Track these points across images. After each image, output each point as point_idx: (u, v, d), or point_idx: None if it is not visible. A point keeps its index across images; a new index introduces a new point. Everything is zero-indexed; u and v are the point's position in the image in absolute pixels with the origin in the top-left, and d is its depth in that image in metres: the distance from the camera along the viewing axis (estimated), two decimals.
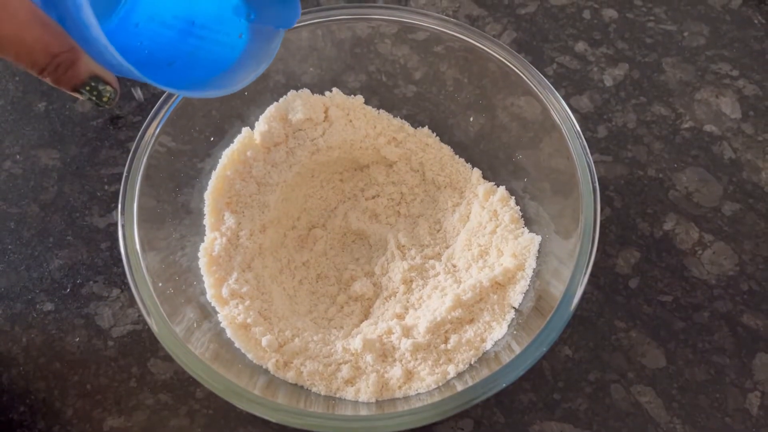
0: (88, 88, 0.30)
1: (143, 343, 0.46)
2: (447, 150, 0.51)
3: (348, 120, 0.50)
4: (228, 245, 0.45)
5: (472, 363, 0.42)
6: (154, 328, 0.38)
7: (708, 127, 0.55)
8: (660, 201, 0.52)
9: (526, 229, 0.47)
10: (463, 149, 0.51)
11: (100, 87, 0.31)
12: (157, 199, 0.44)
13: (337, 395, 0.41)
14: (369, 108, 0.51)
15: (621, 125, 0.55)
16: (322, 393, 0.41)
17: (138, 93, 0.56)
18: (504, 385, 0.37)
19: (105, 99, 0.31)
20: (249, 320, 0.42)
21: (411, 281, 0.47)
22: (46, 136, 0.54)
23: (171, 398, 0.44)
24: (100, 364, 0.46)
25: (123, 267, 0.40)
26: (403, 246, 0.49)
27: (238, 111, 0.49)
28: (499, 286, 0.44)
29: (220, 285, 0.44)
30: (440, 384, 0.41)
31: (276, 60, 0.39)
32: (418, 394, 0.41)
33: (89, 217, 0.51)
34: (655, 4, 0.62)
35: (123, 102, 0.56)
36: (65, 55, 0.28)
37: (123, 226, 0.40)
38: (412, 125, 0.52)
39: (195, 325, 0.41)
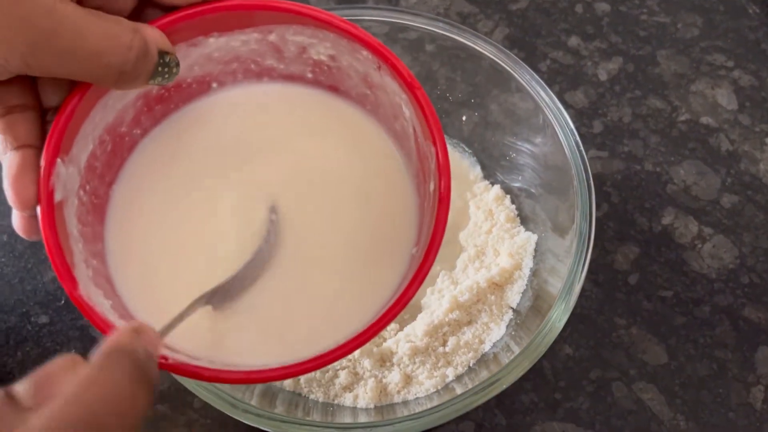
0: (159, 68, 0.28)
1: None
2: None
3: None
4: None
5: (471, 365, 0.41)
6: None
7: (704, 120, 0.55)
8: (658, 195, 0.51)
9: (522, 228, 0.46)
10: None
11: (167, 59, 0.28)
12: None
13: (336, 402, 0.41)
14: None
15: (616, 120, 0.55)
16: (320, 400, 0.41)
17: None
18: (504, 386, 0.37)
19: (174, 71, 0.29)
20: None
21: None
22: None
23: (168, 408, 0.44)
24: None
25: None
26: None
27: None
28: (497, 286, 0.44)
29: None
30: (439, 387, 0.41)
31: None
32: (417, 398, 0.40)
33: None
34: None
35: None
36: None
37: None
38: None
39: None
